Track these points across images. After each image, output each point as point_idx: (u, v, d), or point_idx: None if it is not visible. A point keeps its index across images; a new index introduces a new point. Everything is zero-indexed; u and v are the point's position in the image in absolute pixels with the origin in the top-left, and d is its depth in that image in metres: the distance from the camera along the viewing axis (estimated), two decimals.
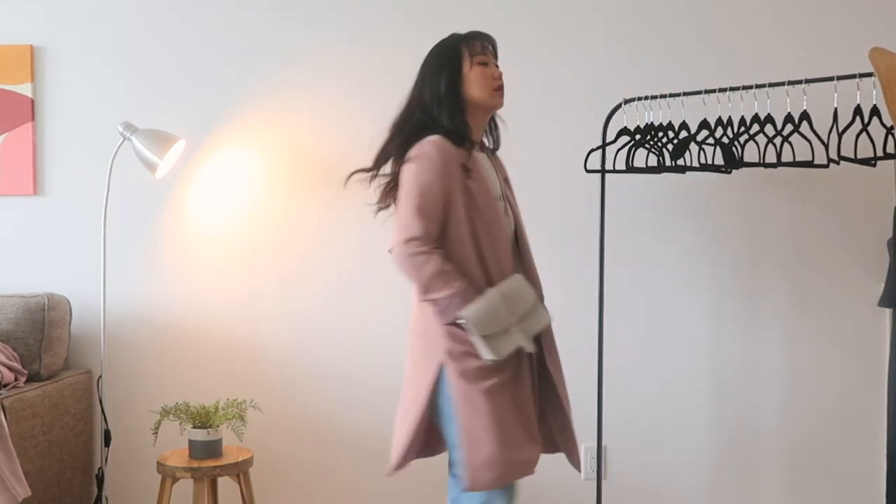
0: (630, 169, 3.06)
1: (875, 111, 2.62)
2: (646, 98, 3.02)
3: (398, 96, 3.35)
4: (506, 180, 2.52)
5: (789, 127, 2.75)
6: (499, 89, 2.42)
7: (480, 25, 3.09)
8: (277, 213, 3.38)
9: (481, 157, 2.43)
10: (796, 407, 3.36)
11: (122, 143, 3.16)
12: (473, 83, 2.40)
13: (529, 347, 2.31)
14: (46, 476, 2.98)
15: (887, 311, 3.10)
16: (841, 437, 3.35)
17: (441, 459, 2.45)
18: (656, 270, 3.36)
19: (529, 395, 2.37)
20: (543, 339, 2.44)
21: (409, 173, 2.30)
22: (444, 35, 2.54)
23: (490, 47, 2.47)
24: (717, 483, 3.39)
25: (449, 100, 2.39)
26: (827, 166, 2.71)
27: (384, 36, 3.37)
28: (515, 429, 2.28)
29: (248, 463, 3.05)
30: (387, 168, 2.43)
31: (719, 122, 2.87)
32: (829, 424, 3.36)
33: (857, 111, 2.64)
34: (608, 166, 3.14)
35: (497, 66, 2.46)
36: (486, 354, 2.23)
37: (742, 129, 2.83)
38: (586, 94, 3.32)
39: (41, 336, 3.12)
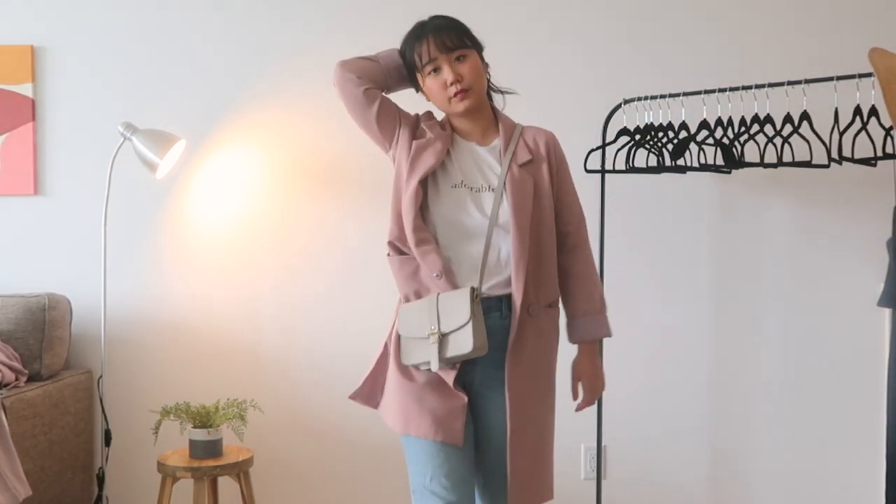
0: (630, 169, 3.06)
1: (874, 111, 2.63)
2: (646, 98, 3.02)
3: (397, 95, 3.35)
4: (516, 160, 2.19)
5: (789, 127, 2.76)
6: (457, 94, 2.14)
7: (480, 26, 3.10)
8: (278, 213, 3.38)
9: (475, 150, 2.22)
10: (796, 407, 3.36)
11: (122, 143, 3.16)
12: (432, 97, 2.22)
13: (434, 366, 2.08)
14: (47, 476, 2.98)
15: (887, 311, 3.09)
16: (841, 436, 3.35)
17: None
18: (656, 270, 3.37)
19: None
20: (511, 371, 2.13)
21: None
22: None
23: (435, 47, 2.15)
24: (716, 483, 3.39)
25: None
26: (827, 166, 2.71)
27: (385, 35, 3.35)
28: None
29: (248, 463, 3.05)
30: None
31: (719, 122, 2.87)
32: (828, 424, 3.36)
33: (857, 111, 2.64)
34: (608, 166, 3.14)
35: (452, 63, 2.14)
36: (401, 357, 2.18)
37: (742, 129, 2.83)
38: (586, 94, 3.33)
39: (42, 336, 3.12)
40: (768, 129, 2.80)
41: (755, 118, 2.81)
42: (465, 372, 2.15)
